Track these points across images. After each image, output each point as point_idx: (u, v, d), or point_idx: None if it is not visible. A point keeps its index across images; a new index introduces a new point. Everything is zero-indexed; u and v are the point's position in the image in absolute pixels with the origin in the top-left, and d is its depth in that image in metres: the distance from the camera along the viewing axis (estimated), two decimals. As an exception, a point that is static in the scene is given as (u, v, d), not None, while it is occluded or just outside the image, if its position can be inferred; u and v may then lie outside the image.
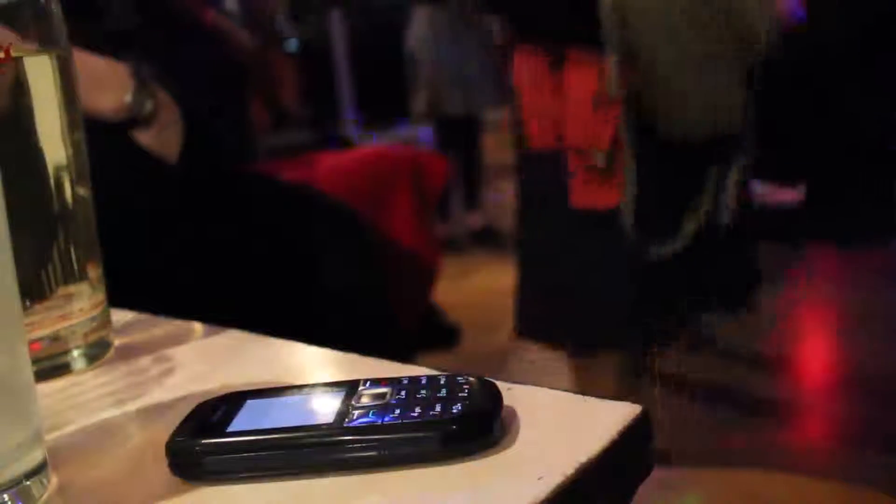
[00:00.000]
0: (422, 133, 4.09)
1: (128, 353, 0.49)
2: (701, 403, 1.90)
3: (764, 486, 0.74)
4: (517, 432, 0.33)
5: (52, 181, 0.46)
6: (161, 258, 0.94)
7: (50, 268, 0.46)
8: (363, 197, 1.66)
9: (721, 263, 1.58)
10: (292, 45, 3.94)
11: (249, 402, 0.35)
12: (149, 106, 0.78)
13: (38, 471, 0.32)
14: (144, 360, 0.47)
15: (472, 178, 3.82)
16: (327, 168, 1.76)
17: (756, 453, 1.66)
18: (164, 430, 0.33)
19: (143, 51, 1.09)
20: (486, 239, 3.64)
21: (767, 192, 2.38)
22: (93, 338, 0.47)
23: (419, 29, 3.55)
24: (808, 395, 2.01)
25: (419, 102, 3.63)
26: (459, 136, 3.76)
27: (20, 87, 0.44)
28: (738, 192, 1.50)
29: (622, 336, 1.53)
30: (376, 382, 0.35)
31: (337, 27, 4.65)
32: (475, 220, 3.78)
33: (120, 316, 0.54)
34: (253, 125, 2.09)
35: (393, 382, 0.35)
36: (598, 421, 0.33)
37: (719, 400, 1.97)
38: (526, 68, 1.53)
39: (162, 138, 0.83)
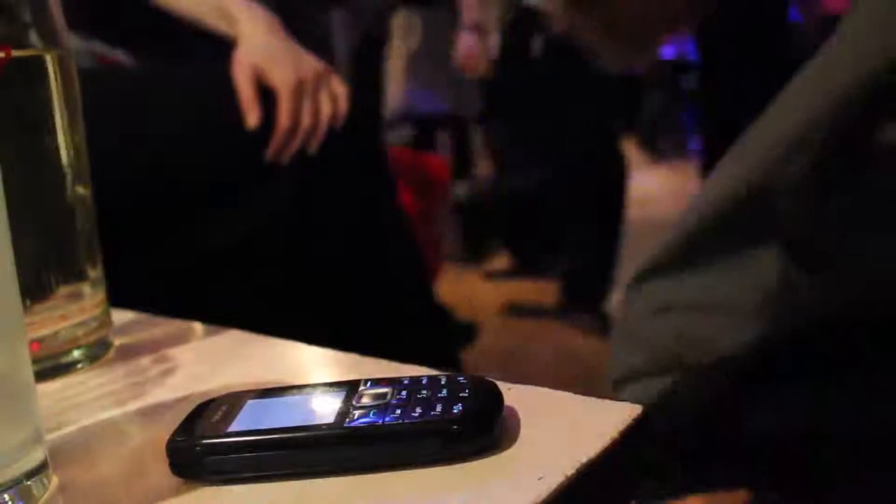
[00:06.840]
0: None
1: (128, 353, 0.49)
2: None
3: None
4: (517, 432, 0.33)
5: (52, 181, 0.46)
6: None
7: (50, 267, 0.46)
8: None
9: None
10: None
11: (250, 402, 0.35)
12: None
13: (38, 471, 0.32)
14: (144, 360, 0.47)
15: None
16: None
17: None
18: (164, 430, 0.33)
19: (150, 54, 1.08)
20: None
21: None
22: (93, 338, 0.47)
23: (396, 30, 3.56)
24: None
25: (388, 103, 3.62)
26: (434, 136, 3.76)
27: (21, 87, 0.44)
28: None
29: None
30: (377, 382, 0.35)
31: (337, 27, 4.65)
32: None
33: (120, 316, 0.54)
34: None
35: (393, 382, 0.35)
36: (598, 421, 0.33)
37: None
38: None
39: None
